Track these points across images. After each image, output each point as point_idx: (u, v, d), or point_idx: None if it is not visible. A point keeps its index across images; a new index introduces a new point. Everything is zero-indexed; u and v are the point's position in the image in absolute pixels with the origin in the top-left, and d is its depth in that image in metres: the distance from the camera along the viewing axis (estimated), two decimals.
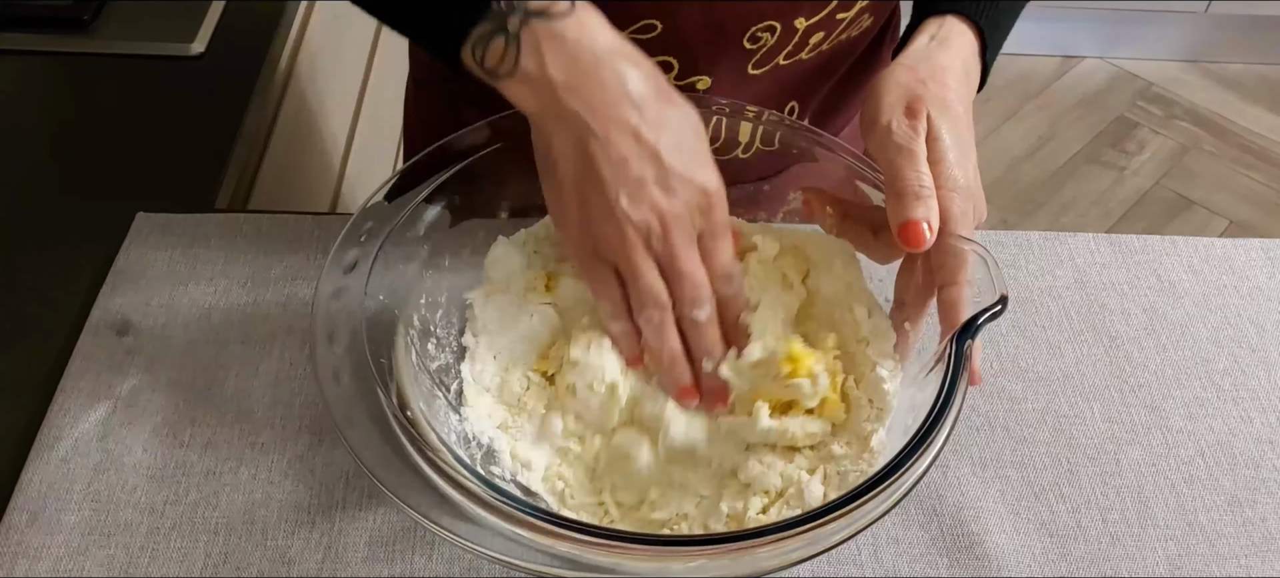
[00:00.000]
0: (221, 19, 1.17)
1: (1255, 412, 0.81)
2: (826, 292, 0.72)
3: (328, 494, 0.72)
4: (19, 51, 1.12)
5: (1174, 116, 2.75)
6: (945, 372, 0.61)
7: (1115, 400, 0.81)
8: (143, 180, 0.99)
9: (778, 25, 0.76)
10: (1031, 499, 0.75)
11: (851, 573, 0.70)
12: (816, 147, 0.76)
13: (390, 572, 0.68)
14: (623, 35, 0.62)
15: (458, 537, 0.56)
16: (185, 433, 0.75)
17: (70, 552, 0.68)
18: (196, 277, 0.85)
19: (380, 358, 0.63)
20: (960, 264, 0.64)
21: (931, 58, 0.70)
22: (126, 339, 0.80)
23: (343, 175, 1.47)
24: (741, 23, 0.76)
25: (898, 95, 0.67)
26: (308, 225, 0.89)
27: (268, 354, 0.80)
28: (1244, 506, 0.75)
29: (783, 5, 0.74)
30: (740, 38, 0.76)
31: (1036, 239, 0.93)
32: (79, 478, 0.72)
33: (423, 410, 0.64)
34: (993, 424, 0.79)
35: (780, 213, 0.79)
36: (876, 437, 0.65)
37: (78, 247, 0.88)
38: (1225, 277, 0.91)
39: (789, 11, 0.75)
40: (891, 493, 0.57)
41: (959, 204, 0.65)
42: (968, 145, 0.67)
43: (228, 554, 0.69)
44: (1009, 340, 0.85)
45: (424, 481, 0.58)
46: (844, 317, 0.70)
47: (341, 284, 0.65)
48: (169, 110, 1.08)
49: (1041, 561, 0.71)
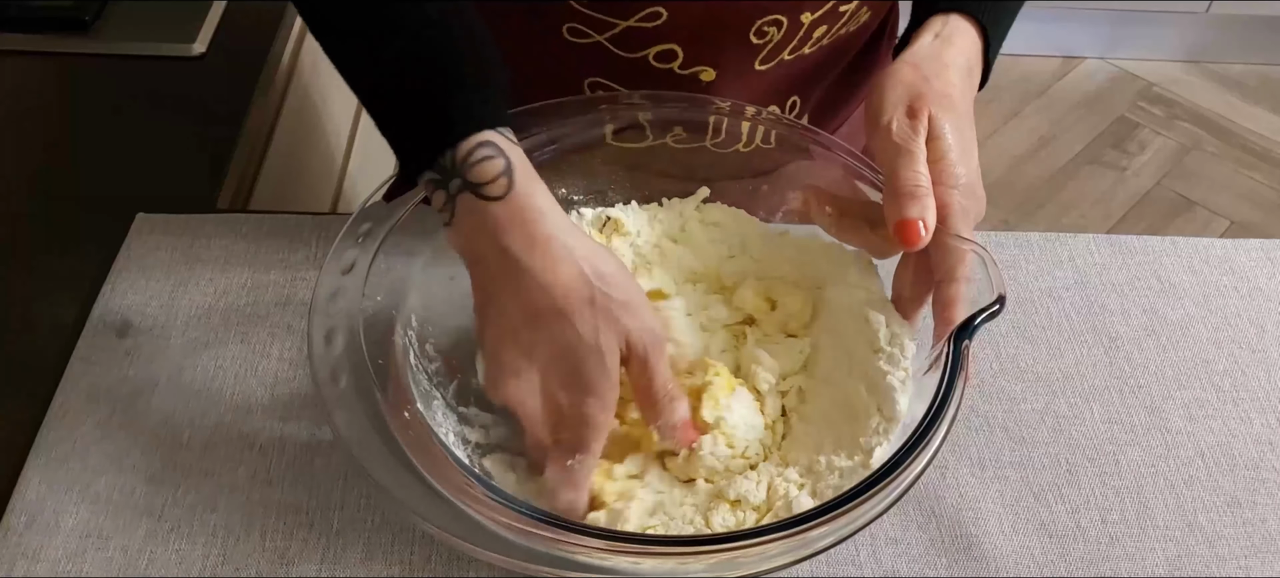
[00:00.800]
0: (223, 19, 1.17)
1: (1255, 413, 0.81)
2: (841, 302, 0.72)
3: (326, 495, 0.72)
4: (20, 52, 1.12)
5: (1175, 117, 2.74)
6: (943, 373, 0.61)
7: (1115, 401, 0.81)
8: (144, 181, 0.99)
9: (784, 19, 0.76)
10: (1031, 500, 0.75)
11: (850, 573, 0.70)
12: (815, 145, 0.77)
13: (388, 573, 0.68)
14: (561, 217, 0.62)
15: (456, 538, 0.56)
16: (184, 434, 0.75)
17: (68, 554, 0.68)
18: (196, 277, 0.85)
19: (378, 359, 0.63)
20: (958, 262, 0.64)
21: (936, 55, 0.70)
22: (126, 340, 0.80)
23: (344, 175, 1.47)
24: (747, 16, 0.76)
25: (900, 94, 0.67)
26: (307, 225, 0.89)
27: (267, 355, 0.80)
28: (1244, 507, 0.75)
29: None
30: (746, 31, 0.76)
31: (1036, 240, 0.93)
32: (78, 480, 0.72)
33: (421, 411, 0.64)
34: (992, 425, 0.79)
35: (779, 212, 0.79)
36: (878, 451, 0.64)
37: (79, 247, 0.88)
38: (1225, 277, 0.91)
39: (794, 5, 0.75)
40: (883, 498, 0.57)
41: (959, 201, 0.65)
42: (969, 143, 0.68)
43: (226, 555, 0.69)
44: (1009, 341, 0.85)
45: (422, 482, 0.58)
46: (860, 327, 0.69)
47: (339, 285, 0.65)
48: (170, 111, 1.08)
49: (1040, 562, 0.71)
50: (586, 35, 0.75)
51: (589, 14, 0.73)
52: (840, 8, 0.77)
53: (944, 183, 0.65)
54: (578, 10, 0.73)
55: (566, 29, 0.75)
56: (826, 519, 0.56)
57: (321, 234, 0.88)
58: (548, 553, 0.56)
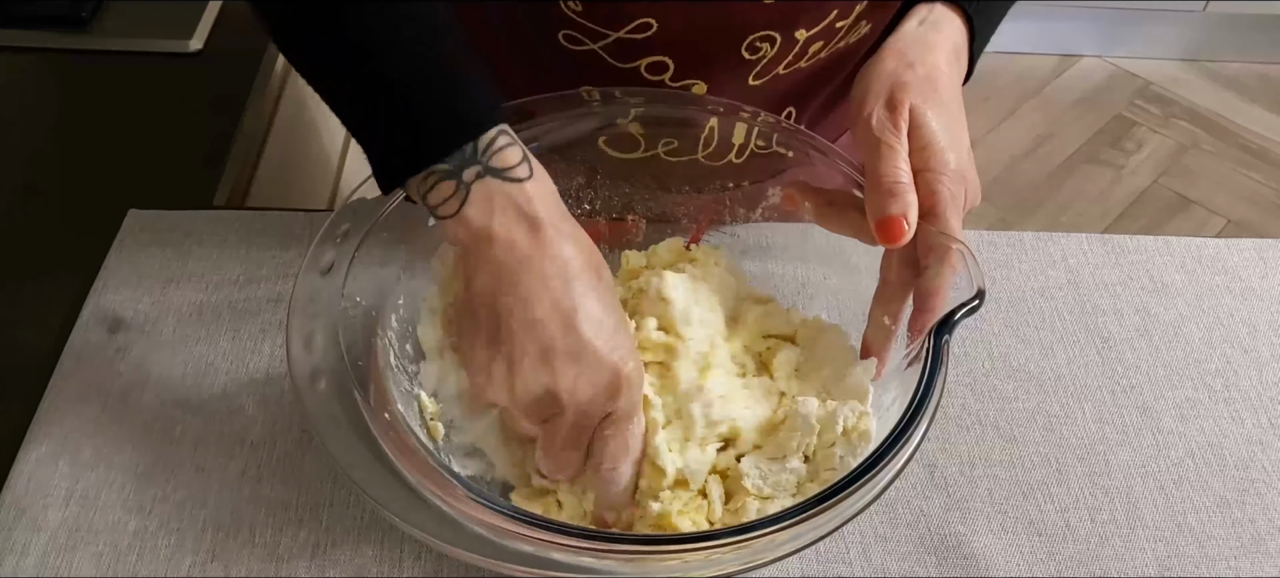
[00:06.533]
0: (219, 16, 1.17)
1: (1247, 412, 0.81)
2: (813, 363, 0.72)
3: (316, 492, 0.72)
4: (17, 48, 1.12)
5: (1172, 115, 2.74)
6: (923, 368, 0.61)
7: (1107, 401, 0.81)
8: (140, 178, 0.99)
9: (777, 36, 0.75)
10: (1020, 499, 0.75)
11: (839, 572, 0.70)
12: (812, 150, 0.76)
13: (378, 571, 0.68)
14: (566, 210, 0.62)
15: (435, 539, 0.56)
16: (175, 430, 0.75)
17: (58, 549, 0.68)
18: (188, 274, 0.85)
19: (358, 360, 0.63)
20: (941, 253, 0.64)
21: (920, 39, 0.70)
22: (118, 337, 0.80)
23: (341, 173, 1.47)
24: (739, 31, 0.75)
25: (882, 84, 0.67)
26: (299, 222, 0.89)
27: (258, 352, 0.80)
28: (1233, 507, 0.75)
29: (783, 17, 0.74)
30: (738, 46, 0.76)
31: (1029, 239, 0.93)
32: (68, 475, 0.72)
33: (401, 412, 0.64)
34: (983, 423, 0.79)
35: (759, 209, 0.79)
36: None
37: (74, 244, 0.88)
38: (1218, 277, 0.91)
39: (789, 23, 0.75)
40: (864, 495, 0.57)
41: (947, 188, 0.65)
42: (958, 127, 0.67)
43: (216, 552, 0.69)
44: (1001, 340, 0.85)
45: (402, 482, 0.58)
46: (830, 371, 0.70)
47: (318, 285, 0.65)
48: (167, 108, 1.08)
49: (1030, 561, 0.71)
50: (582, 43, 0.75)
51: (583, 22, 0.73)
52: (837, 24, 0.76)
53: (932, 169, 0.65)
54: (572, 18, 0.73)
55: (562, 36, 0.75)
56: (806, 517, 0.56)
57: (314, 231, 0.87)
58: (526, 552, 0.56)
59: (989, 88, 2.75)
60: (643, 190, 0.79)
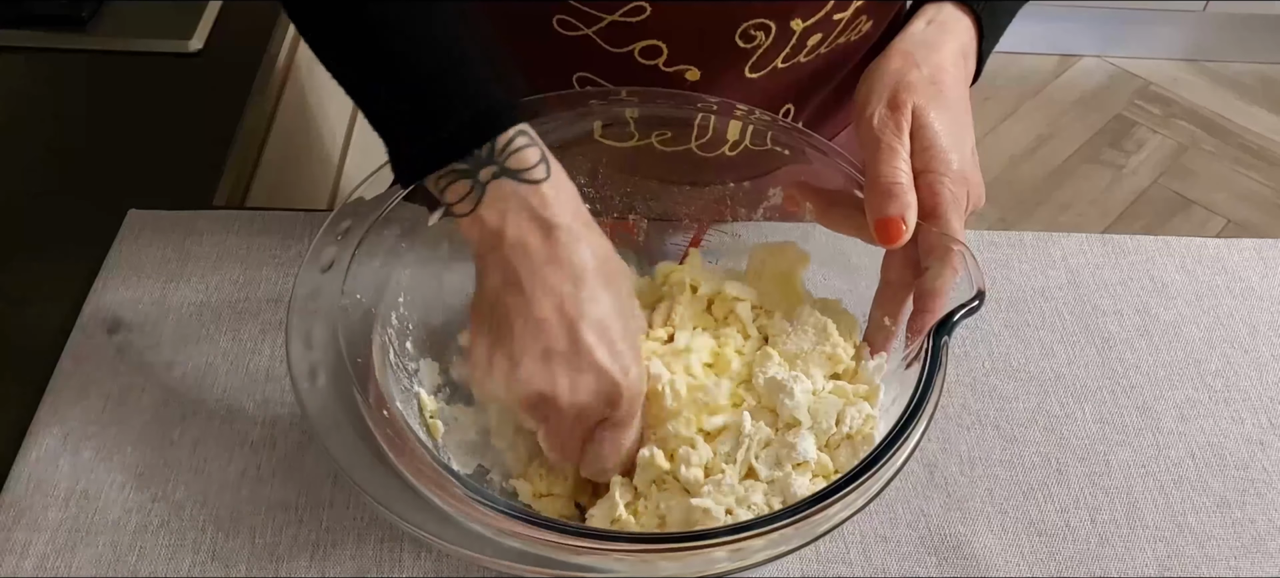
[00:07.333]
0: (219, 16, 1.17)
1: (1247, 412, 0.81)
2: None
3: (316, 492, 0.72)
4: (17, 48, 1.12)
5: (1172, 116, 2.74)
6: (922, 369, 0.61)
7: (1107, 401, 0.81)
8: (140, 178, 0.99)
9: (772, 25, 0.75)
10: (1020, 499, 0.75)
11: (839, 572, 0.70)
12: (808, 148, 0.76)
13: (378, 571, 0.68)
14: (583, 209, 0.62)
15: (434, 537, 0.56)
16: (174, 431, 0.75)
17: (57, 549, 0.68)
18: (187, 274, 0.85)
19: (357, 358, 0.63)
20: (942, 254, 0.64)
21: (927, 40, 0.70)
22: (117, 337, 0.80)
23: (341, 172, 1.47)
24: (731, 18, 0.75)
25: (886, 84, 0.67)
26: (299, 222, 0.89)
27: (258, 352, 0.80)
28: (1233, 507, 0.75)
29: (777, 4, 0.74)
30: (731, 34, 0.76)
31: (1029, 239, 0.93)
32: (67, 475, 0.72)
33: (400, 411, 0.64)
34: (983, 423, 0.79)
35: (760, 209, 0.79)
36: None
37: (74, 244, 0.88)
38: (1218, 277, 0.91)
39: (783, 11, 0.75)
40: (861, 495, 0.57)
41: (949, 189, 0.65)
42: (962, 128, 0.67)
43: (215, 552, 0.69)
44: (1001, 340, 0.85)
45: (401, 481, 0.58)
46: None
47: (318, 283, 0.65)
48: (167, 108, 1.08)
49: (1030, 561, 0.71)
50: (576, 28, 0.75)
51: (578, 6, 0.73)
52: (835, 16, 0.76)
53: (934, 171, 0.65)
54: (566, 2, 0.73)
55: (556, 21, 0.75)
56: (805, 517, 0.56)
57: (314, 230, 0.87)
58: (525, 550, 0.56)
59: (989, 88, 2.75)
60: (644, 189, 0.79)
